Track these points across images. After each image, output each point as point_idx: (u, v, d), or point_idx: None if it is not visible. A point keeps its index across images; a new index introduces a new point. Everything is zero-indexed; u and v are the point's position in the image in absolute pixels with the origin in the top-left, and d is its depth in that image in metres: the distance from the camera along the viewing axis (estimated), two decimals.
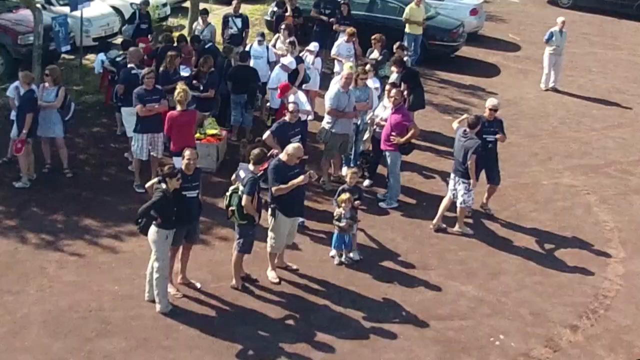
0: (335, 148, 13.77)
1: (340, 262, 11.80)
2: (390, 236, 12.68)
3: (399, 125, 13.22)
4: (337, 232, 11.77)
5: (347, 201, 11.64)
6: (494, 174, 13.21)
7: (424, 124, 17.00)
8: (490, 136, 12.84)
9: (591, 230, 13.35)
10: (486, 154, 12.72)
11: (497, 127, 12.97)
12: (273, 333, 10.28)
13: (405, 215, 13.32)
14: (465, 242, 12.68)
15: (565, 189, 14.77)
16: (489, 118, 12.87)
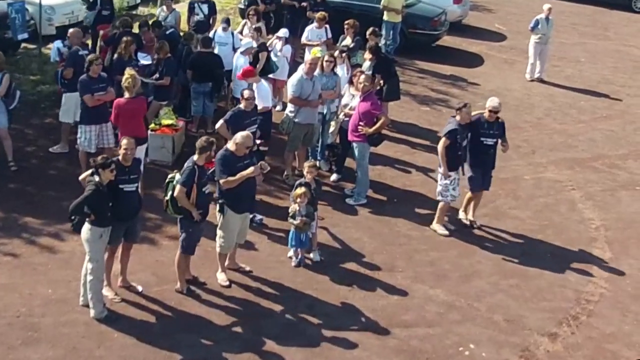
0: (298, 139, 12.74)
1: (297, 263, 10.77)
2: (355, 235, 11.65)
3: (367, 114, 12.20)
4: (293, 230, 10.73)
5: (302, 196, 10.61)
6: (488, 178, 11.93)
7: (399, 114, 16.03)
8: (489, 139, 11.58)
9: (575, 228, 12.35)
10: (485, 159, 11.64)
11: (497, 130, 11.66)
12: (218, 342, 9.26)
13: (374, 213, 12.30)
14: (438, 241, 11.67)
15: (548, 184, 13.77)
16: (489, 119, 11.60)
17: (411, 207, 12.53)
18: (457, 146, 11.34)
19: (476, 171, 11.67)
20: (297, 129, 12.63)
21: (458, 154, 11.40)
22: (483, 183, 11.82)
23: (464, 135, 11.40)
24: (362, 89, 12.24)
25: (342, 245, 11.37)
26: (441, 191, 11.56)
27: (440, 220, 11.75)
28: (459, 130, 11.31)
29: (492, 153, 11.67)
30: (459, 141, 11.33)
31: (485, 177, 11.79)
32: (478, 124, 11.52)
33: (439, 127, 15.43)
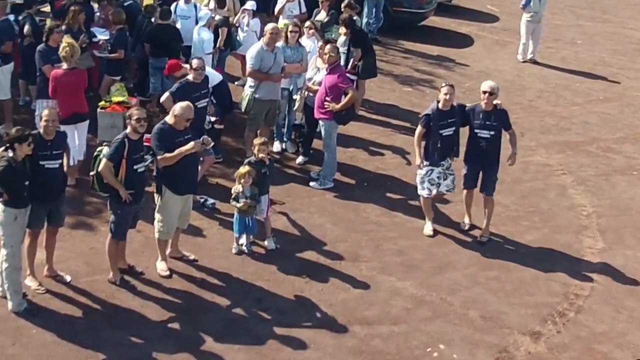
0: (260, 117, 11.52)
1: (237, 250, 9.57)
2: (317, 221, 10.45)
3: (334, 89, 10.99)
4: (237, 213, 9.53)
5: (246, 176, 9.40)
6: (488, 180, 10.17)
7: (378, 95, 14.85)
8: (483, 131, 9.88)
9: (564, 215, 11.13)
10: (480, 155, 10.02)
11: (496, 120, 9.90)
12: (149, 340, 8.08)
13: (340, 197, 11.09)
14: (409, 229, 10.46)
15: (536, 168, 12.55)
16: (486, 108, 9.90)
17: (382, 191, 11.33)
18: (435, 135, 9.98)
19: (469, 168, 10.15)
20: (257, 105, 11.41)
21: (437, 145, 10.00)
22: (481, 185, 10.22)
23: (447, 123, 9.97)
24: (327, 60, 11.03)
25: (301, 233, 10.16)
26: (419, 182, 10.31)
27: (426, 215, 10.45)
28: (436, 116, 9.92)
29: (489, 148, 9.89)
30: (436, 129, 9.95)
31: (485, 177, 10.11)
32: (472, 113, 10.02)
33: (421, 108, 14.18)
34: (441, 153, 10.00)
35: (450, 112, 10.00)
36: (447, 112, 9.98)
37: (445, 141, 9.99)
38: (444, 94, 9.90)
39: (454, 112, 10.04)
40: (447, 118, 9.98)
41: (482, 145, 9.93)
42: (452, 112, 10.02)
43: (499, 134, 10.02)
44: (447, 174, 10.19)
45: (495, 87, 9.89)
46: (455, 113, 10.04)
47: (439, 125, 9.93)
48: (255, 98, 11.37)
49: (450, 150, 10.11)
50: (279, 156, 12.10)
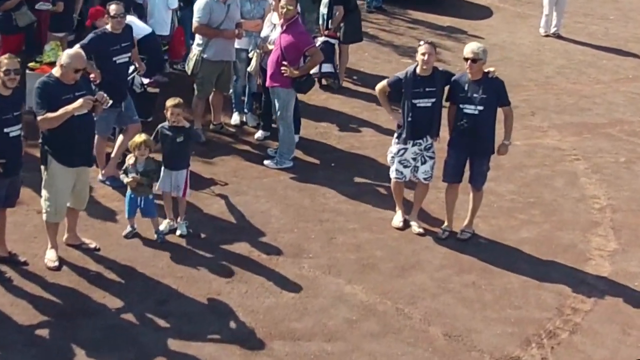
0: (209, 82, 9.66)
1: (129, 233, 7.77)
2: (263, 207, 8.55)
3: (292, 50, 9.08)
4: (129, 192, 7.69)
5: (142, 146, 7.54)
6: (477, 170, 8.09)
7: (371, 65, 12.94)
8: (468, 106, 7.80)
9: (572, 209, 9.09)
10: (465, 137, 7.91)
11: (486, 93, 7.80)
12: (6, 347, 6.29)
13: (298, 179, 9.18)
14: (375, 219, 8.52)
15: (545, 152, 10.48)
16: (473, 77, 7.86)
17: (352, 174, 9.40)
18: (408, 105, 7.97)
19: (453, 156, 8.06)
20: (206, 67, 9.55)
21: (408, 118, 7.98)
22: (474, 177, 8.12)
23: (423, 92, 7.93)
24: (283, 15, 9.09)
25: (238, 220, 8.28)
26: (389, 161, 8.35)
27: (397, 203, 8.47)
28: (410, 81, 7.93)
29: (478, 129, 7.80)
30: (408, 98, 7.95)
31: (474, 167, 8.07)
32: (456, 84, 7.96)
33: None
34: (414, 129, 8.01)
35: (429, 79, 7.99)
36: (426, 79, 7.97)
37: (421, 114, 7.98)
38: (421, 54, 7.91)
39: (435, 79, 8.02)
40: (424, 85, 7.96)
41: (469, 124, 7.85)
42: (432, 79, 8.00)
43: (491, 110, 7.92)
44: (425, 156, 8.18)
45: (479, 51, 7.83)
46: (437, 81, 8.02)
47: (413, 93, 7.95)
48: (203, 59, 9.51)
49: (428, 126, 8.07)
50: (235, 130, 10.22)
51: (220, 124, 10.04)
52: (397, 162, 8.16)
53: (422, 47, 7.91)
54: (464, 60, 7.88)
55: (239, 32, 9.53)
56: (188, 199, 8.15)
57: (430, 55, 7.87)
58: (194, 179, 8.78)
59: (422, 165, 8.16)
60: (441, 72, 8.05)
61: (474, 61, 7.79)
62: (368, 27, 14.90)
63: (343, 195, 8.88)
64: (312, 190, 8.94)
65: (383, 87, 8.12)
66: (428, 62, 7.89)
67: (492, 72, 7.93)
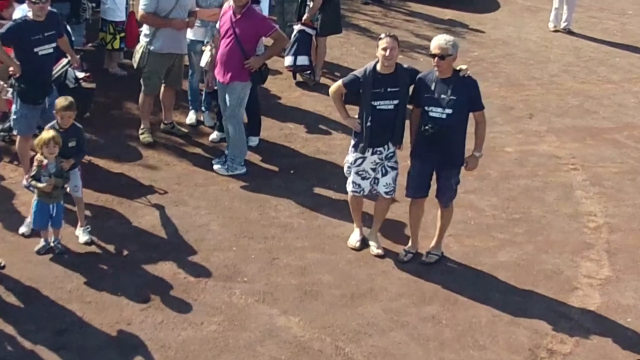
0: (157, 77, 8.64)
1: (42, 248, 6.76)
2: (203, 220, 7.50)
3: (250, 38, 8.01)
4: (36, 199, 6.68)
5: (50, 144, 6.51)
6: (443, 184, 6.96)
7: (356, 61, 11.83)
8: (434, 109, 6.65)
9: (562, 227, 7.92)
10: (431, 145, 6.71)
11: (455, 94, 6.63)
12: None
13: (249, 188, 8.11)
14: (329, 237, 7.43)
15: (538, 160, 9.30)
16: (441, 75, 6.69)
17: (312, 183, 8.31)
18: (366, 107, 6.85)
19: (415, 164, 6.92)
20: (153, 60, 8.52)
21: (367, 122, 6.81)
22: (442, 190, 6.99)
23: (385, 92, 6.77)
24: (235, 2, 8.00)
25: (170, 235, 7.23)
26: (345, 172, 7.24)
27: (355, 220, 7.35)
28: (369, 80, 6.79)
29: (446, 136, 6.62)
30: (367, 99, 6.82)
31: (441, 180, 6.92)
32: (422, 83, 6.78)
33: None
34: (373, 136, 6.89)
35: (392, 78, 6.84)
36: (388, 77, 6.82)
37: (382, 119, 6.85)
38: (382, 49, 6.79)
39: (398, 77, 6.87)
40: (385, 85, 6.82)
41: (434, 130, 6.67)
42: (395, 77, 6.85)
43: (461, 115, 6.73)
44: (387, 167, 7.05)
45: (447, 45, 6.66)
46: (400, 79, 6.88)
47: (372, 93, 6.82)
48: (150, 51, 8.47)
49: (389, 132, 6.93)
50: (189, 130, 9.16)
51: (171, 124, 9.00)
52: (354, 173, 7.06)
53: (383, 40, 6.79)
54: (430, 56, 6.74)
55: (190, 21, 8.48)
56: (118, 208, 7.13)
57: (392, 49, 6.76)
58: (130, 186, 7.79)
59: (382, 176, 7.04)
60: (405, 70, 6.93)
61: (442, 57, 6.66)
62: (360, 20, 13.83)
63: (297, 208, 7.80)
64: (263, 202, 7.86)
65: (338, 88, 7.02)
66: (390, 58, 6.77)
67: (463, 70, 6.80)
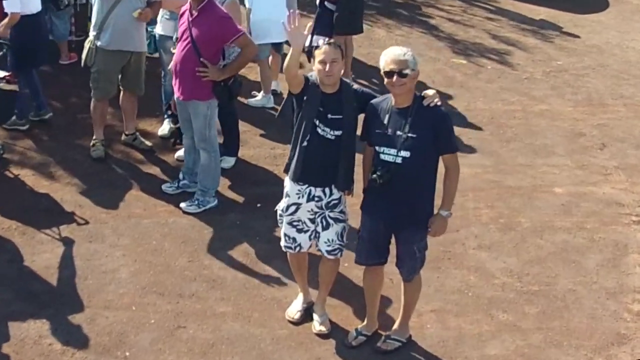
0: (106, 79, 7.16)
1: None
2: (112, 265, 5.94)
3: (210, 42, 6.34)
4: None
5: None
6: (403, 250, 5.06)
7: None
8: (390, 151, 4.82)
9: (595, 307, 5.87)
10: (381, 195, 4.90)
11: (422, 129, 4.78)
12: None
13: (194, 225, 6.49)
14: (266, 301, 5.70)
15: (593, 207, 7.17)
16: (398, 102, 4.82)
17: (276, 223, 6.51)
18: (302, 125, 5.03)
19: (365, 221, 5.07)
20: (102, 59, 7.04)
21: (302, 153, 5.04)
22: (402, 258, 5.08)
23: (325, 119, 4.96)
24: None
25: (61, 283, 5.72)
26: (279, 221, 5.45)
27: (298, 283, 5.58)
28: (316, 91, 4.99)
29: (400, 186, 4.81)
30: (307, 123, 5.00)
31: (399, 243, 5.05)
32: (371, 114, 4.95)
33: (457, 90, 9.29)
34: (306, 167, 5.09)
35: (334, 101, 4.99)
36: (330, 99, 4.99)
37: (321, 146, 5.03)
38: (319, 62, 4.93)
39: (343, 102, 5.00)
40: (328, 108, 4.98)
41: (385, 179, 4.81)
42: (338, 100, 5.00)
43: (423, 159, 4.83)
44: (329, 218, 5.21)
45: (405, 57, 4.77)
46: (345, 104, 5.00)
47: (317, 111, 5.02)
48: (97, 47, 6.99)
49: (330, 170, 5.08)
50: (151, 144, 7.61)
51: (133, 135, 7.50)
52: (287, 223, 5.29)
53: (320, 50, 4.95)
54: (383, 75, 4.85)
55: (144, 13, 6.92)
56: (17, 240, 5.74)
57: (333, 63, 4.91)
58: (48, 211, 6.36)
59: (323, 230, 5.23)
60: (354, 92, 5.05)
61: (402, 74, 4.76)
62: (432, 15, 12.07)
63: (243, 256, 6.11)
64: (201, 244, 6.21)
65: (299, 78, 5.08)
66: (330, 74, 4.92)
67: (429, 97, 4.87)
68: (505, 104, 9.16)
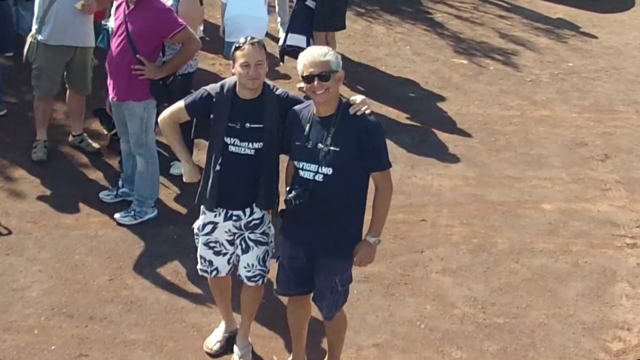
0: (48, 76, 6.56)
1: None
2: (26, 280, 5.36)
3: (148, 37, 5.72)
4: None
5: None
6: (322, 283, 4.31)
7: (401, 64, 9.25)
8: (310, 167, 4.13)
9: (567, 344, 5.16)
10: (310, 220, 4.19)
11: (347, 143, 4.06)
12: None
13: (125, 239, 5.87)
14: (185, 328, 5.07)
15: (584, 226, 6.40)
16: (320, 110, 4.12)
17: None
18: (216, 145, 4.40)
19: (284, 246, 4.40)
20: (43, 54, 6.47)
21: (215, 168, 4.39)
22: (315, 293, 4.41)
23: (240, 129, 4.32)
24: None
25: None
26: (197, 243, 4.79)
27: (221, 313, 4.95)
28: (224, 104, 4.34)
29: (320, 208, 4.13)
30: (218, 134, 4.37)
31: (318, 273, 4.30)
32: (292, 123, 4.26)
33: (453, 91, 8.59)
34: (224, 189, 4.41)
35: (255, 107, 4.33)
36: (249, 106, 4.34)
37: (236, 167, 4.37)
38: (240, 65, 4.27)
39: (265, 108, 4.33)
40: (245, 118, 4.32)
41: (303, 200, 4.13)
42: (259, 107, 4.33)
43: (347, 177, 4.13)
44: (248, 240, 4.52)
45: (327, 58, 4.07)
46: (265, 112, 4.32)
47: (227, 127, 4.35)
48: (39, 42, 6.42)
49: (249, 189, 4.41)
50: (99, 147, 7.01)
51: (80, 137, 6.91)
52: (202, 244, 4.63)
53: (240, 50, 4.28)
54: (302, 80, 4.16)
55: (88, 5, 6.32)
56: None
57: (258, 65, 4.25)
58: None
59: (243, 254, 4.56)
60: (277, 97, 4.37)
61: (324, 77, 4.06)
62: (438, 11, 11.26)
63: (172, 275, 5.49)
64: (127, 261, 5.60)
65: (174, 112, 4.59)
66: (255, 77, 4.26)
67: (356, 105, 4.16)
68: (503, 109, 8.40)
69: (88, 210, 6.11)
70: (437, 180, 6.88)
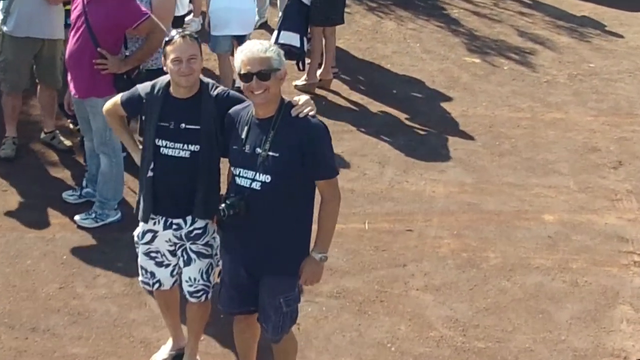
0: (15, 70, 6.26)
1: None
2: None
3: (110, 29, 5.33)
4: None
5: None
6: (266, 302, 3.83)
7: (408, 65, 8.78)
8: (248, 174, 3.68)
9: None
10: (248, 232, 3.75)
11: (289, 148, 3.62)
12: None
13: (84, 243, 5.50)
14: (132, 344, 4.65)
15: (588, 240, 5.86)
16: (259, 112, 3.68)
17: None
18: (148, 148, 3.98)
19: (224, 261, 3.96)
20: (8, 46, 6.16)
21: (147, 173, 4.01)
22: (259, 313, 3.91)
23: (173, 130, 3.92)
24: None
25: None
26: None
27: (169, 330, 4.51)
28: (155, 104, 3.96)
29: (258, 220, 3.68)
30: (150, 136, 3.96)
31: (261, 295, 3.82)
32: (229, 125, 3.81)
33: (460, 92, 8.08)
34: (158, 196, 4.01)
35: (190, 106, 3.92)
36: (183, 105, 3.94)
37: (170, 171, 3.95)
38: (172, 61, 3.85)
39: (202, 107, 3.90)
40: (178, 118, 3.92)
41: (239, 212, 3.69)
42: (195, 105, 3.91)
43: (288, 185, 3.68)
44: (190, 252, 4.08)
45: (268, 53, 3.61)
46: (203, 111, 3.89)
47: (158, 127, 3.95)
48: (4, 33, 6.08)
49: (187, 196, 3.97)
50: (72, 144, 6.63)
51: (51, 133, 6.54)
52: (142, 254, 4.21)
53: (171, 45, 3.85)
54: (241, 79, 3.69)
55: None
56: None
57: (191, 60, 3.83)
58: None
59: (185, 266, 4.12)
60: (217, 96, 3.92)
61: (264, 76, 3.60)
62: (455, 6, 10.69)
63: (129, 284, 5.09)
64: (82, 267, 5.20)
65: (114, 107, 4.19)
66: (188, 73, 3.85)
67: (298, 107, 3.70)
68: (512, 111, 7.86)
69: (50, 211, 5.75)
70: (430, 186, 6.38)
